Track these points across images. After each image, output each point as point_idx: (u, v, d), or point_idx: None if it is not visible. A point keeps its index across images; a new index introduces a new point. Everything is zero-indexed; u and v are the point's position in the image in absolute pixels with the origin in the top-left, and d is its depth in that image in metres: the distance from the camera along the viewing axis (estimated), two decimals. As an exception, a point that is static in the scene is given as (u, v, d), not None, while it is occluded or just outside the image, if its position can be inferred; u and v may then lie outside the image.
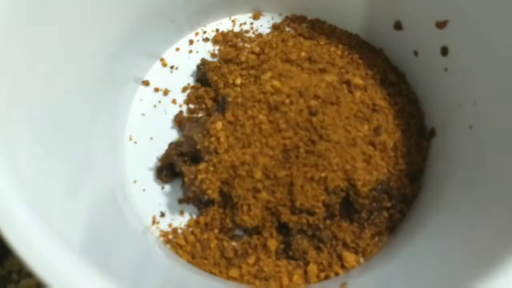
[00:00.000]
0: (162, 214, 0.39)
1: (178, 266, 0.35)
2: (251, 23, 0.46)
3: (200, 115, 0.42)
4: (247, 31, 0.45)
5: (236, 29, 0.46)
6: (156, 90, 0.43)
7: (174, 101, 0.43)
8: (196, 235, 0.38)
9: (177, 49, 0.45)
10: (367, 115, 0.37)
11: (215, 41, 0.45)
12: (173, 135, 0.42)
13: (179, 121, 0.41)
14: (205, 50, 0.45)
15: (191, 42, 0.45)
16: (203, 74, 0.42)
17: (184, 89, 0.43)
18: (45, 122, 0.31)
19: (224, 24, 0.46)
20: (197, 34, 0.46)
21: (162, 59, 0.45)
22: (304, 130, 0.35)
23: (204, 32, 0.46)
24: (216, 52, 0.44)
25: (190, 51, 0.45)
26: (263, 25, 0.46)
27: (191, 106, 0.42)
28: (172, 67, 0.44)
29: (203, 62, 0.43)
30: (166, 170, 0.40)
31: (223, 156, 0.35)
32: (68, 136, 0.34)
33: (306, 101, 0.35)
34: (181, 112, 0.42)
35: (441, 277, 0.30)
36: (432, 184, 0.38)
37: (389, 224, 0.38)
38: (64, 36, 0.34)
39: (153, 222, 0.39)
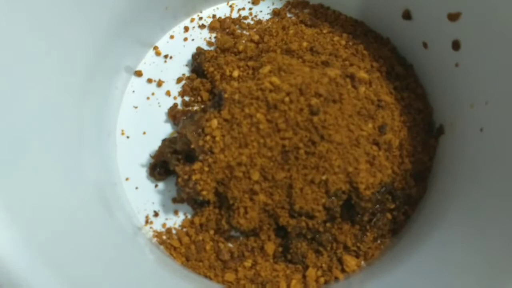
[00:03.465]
0: (156, 214, 0.37)
1: (169, 271, 0.34)
2: (250, 8, 0.43)
3: (195, 108, 0.40)
4: (245, 17, 0.43)
5: (234, 15, 0.43)
6: (149, 81, 0.41)
7: (168, 93, 0.41)
8: (191, 236, 0.36)
9: (171, 37, 0.42)
10: (371, 112, 0.35)
11: (211, 28, 0.42)
12: (167, 129, 0.40)
13: (173, 115, 0.39)
14: (201, 38, 0.42)
15: (186, 29, 0.43)
16: (198, 65, 0.40)
17: (178, 80, 0.41)
18: (28, 116, 0.29)
19: (222, 10, 0.43)
20: (192, 20, 0.43)
21: (155, 48, 0.42)
22: (305, 130, 0.33)
23: (200, 19, 0.43)
24: (213, 40, 0.42)
25: (185, 39, 0.42)
26: (263, 11, 0.43)
27: (186, 98, 0.40)
28: (166, 56, 0.42)
29: (199, 51, 0.41)
30: (160, 167, 0.38)
31: (219, 156, 0.33)
32: (54, 130, 0.32)
33: (307, 99, 0.33)
34: (175, 105, 0.40)
35: (453, 283, 0.28)
36: (440, 184, 0.36)
37: (392, 227, 0.36)
38: (48, 22, 0.31)
39: (146, 222, 0.37)
